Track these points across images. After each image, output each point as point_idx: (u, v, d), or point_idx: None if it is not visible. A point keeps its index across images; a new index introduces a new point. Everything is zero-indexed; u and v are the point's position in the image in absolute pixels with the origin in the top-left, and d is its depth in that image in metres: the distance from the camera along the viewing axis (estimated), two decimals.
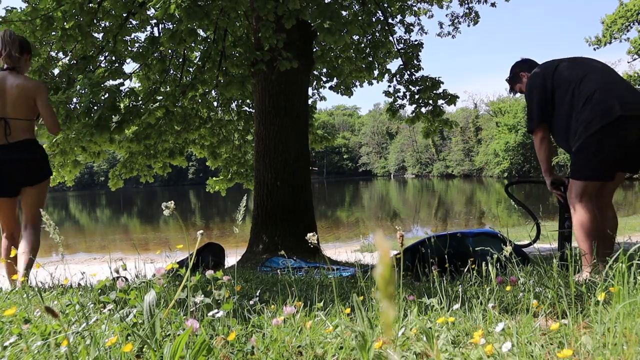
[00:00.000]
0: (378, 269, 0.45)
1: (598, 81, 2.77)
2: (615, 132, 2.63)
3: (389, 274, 0.45)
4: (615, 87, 2.75)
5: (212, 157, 11.44)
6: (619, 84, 2.80)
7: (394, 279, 0.45)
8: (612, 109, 2.62)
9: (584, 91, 2.75)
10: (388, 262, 0.45)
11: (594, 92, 2.72)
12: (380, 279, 0.45)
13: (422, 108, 10.39)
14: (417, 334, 1.52)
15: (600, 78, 2.80)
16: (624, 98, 2.67)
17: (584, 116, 2.72)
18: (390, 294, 0.45)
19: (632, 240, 2.41)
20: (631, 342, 1.29)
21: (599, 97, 2.69)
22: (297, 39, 7.45)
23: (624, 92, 2.73)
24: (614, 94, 2.69)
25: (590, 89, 2.74)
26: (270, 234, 7.72)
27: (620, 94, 2.70)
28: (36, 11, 6.31)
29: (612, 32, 24.56)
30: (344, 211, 28.86)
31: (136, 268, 2.69)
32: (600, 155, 2.69)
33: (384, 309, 0.46)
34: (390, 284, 0.45)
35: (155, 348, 1.33)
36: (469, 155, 68.42)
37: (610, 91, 2.71)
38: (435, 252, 3.39)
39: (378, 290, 0.45)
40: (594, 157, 2.71)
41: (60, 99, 6.30)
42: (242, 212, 1.90)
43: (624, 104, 2.63)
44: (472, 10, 11.54)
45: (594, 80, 2.78)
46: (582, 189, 2.75)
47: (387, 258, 0.45)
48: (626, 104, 2.63)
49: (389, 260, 0.46)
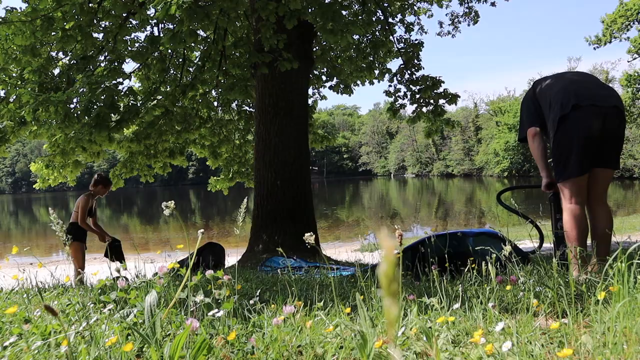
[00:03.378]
0: (382, 267, 0.45)
1: (565, 85, 2.96)
2: (574, 121, 2.78)
3: (393, 272, 0.46)
4: (577, 86, 2.93)
5: (213, 156, 11.43)
6: (581, 81, 3.00)
7: (397, 277, 0.46)
8: (568, 100, 2.81)
9: (554, 97, 2.93)
10: (392, 260, 0.46)
11: (558, 94, 2.91)
12: (384, 277, 0.45)
13: (423, 108, 10.39)
14: (417, 334, 1.52)
15: (567, 83, 2.99)
16: (579, 90, 2.86)
17: (551, 117, 2.91)
18: (394, 292, 0.46)
19: (631, 240, 2.42)
20: (631, 342, 1.29)
21: (561, 95, 2.88)
22: (296, 38, 7.45)
23: (582, 86, 2.92)
24: (575, 91, 2.87)
25: (557, 94, 2.93)
26: (271, 233, 7.72)
27: (577, 88, 2.88)
28: (36, 12, 6.32)
29: (612, 31, 24.52)
30: (344, 211, 28.86)
31: (136, 268, 2.69)
32: (568, 151, 2.81)
33: (386, 307, 0.46)
34: (393, 281, 0.46)
35: (156, 348, 1.33)
36: (469, 154, 68.39)
37: (573, 89, 2.89)
38: (436, 252, 3.39)
39: (381, 288, 0.46)
40: (564, 154, 2.84)
41: (60, 98, 6.30)
42: (243, 214, 1.91)
43: (579, 95, 2.82)
44: (472, 9, 11.53)
45: (562, 86, 2.97)
46: (569, 189, 2.84)
47: (391, 256, 0.46)
48: (581, 94, 2.82)
49: (393, 258, 0.46)
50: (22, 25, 6.33)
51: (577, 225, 2.77)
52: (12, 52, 6.90)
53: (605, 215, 2.92)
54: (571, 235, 2.78)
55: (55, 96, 6.28)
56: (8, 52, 6.84)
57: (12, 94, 7.48)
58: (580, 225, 2.77)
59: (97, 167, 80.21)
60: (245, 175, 11.67)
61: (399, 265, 2.14)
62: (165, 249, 10.48)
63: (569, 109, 2.78)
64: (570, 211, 2.82)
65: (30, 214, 39.58)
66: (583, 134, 2.77)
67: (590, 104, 2.78)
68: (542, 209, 3.48)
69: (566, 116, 2.79)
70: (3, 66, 7.05)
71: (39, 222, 30.25)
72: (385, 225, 16.82)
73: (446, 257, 2.79)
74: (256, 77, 7.81)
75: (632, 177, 36.80)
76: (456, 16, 11.78)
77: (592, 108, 2.77)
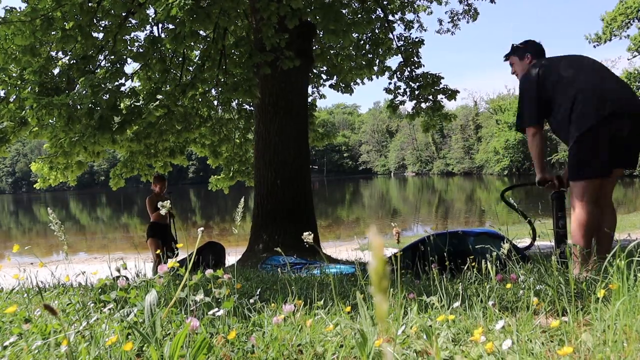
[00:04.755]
0: (372, 264, 0.47)
1: (589, 80, 2.83)
2: (608, 128, 2.68)
3: (383, 269, 0.47)
4: (606, 85, 2.81)
5: (213, 155, 11.42)
6: (610, 82, 2.86)
7: (387, 274, 0.47)
8: (603, 106, 2.68)
9: (577, 90, 2.79)
10: (382, 258, 0.47)
11: (585, 90, 2.77)
12: (375, 274, 0.47)
13: (422, 104, 10.41)
14: (417, 332, 1.52)
15: (591, 77, 2.86)
16: (615, 95, 2.74)
17: (576, 115, 2.77)
18: (384, 288, 0.47)
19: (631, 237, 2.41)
20: (631, 339, 1.29)
21: (591, 95, 2.75)
22: (296, 37, 7.44)
23: (615, 89, 2.80)
24: (606, 92, 2.75)
25: (581, 88, 2.79)
26: (271, 232, 7.72)
27: (611, 92, 2.76)
28: (36, 12, 6.31)
29: (612, 29, 24.51)
30: (344, 210, 28.86)
31: (136, 267, 2.69)
32: (595, 152, 2.73)
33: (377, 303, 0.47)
34: (383, 278, 0.47)
35: (156, 347, 1.33)
36: (469, 153, 68.36)
37: (602, 89, 2.77)
38: (436, 250, 3.38)
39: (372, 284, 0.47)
40: (589, 155, 2.74)
41: (64, 101, 6.30)
42: (240, 214, 1.91)
43: (615, 101, 2.70)
44: (471, 6, 11.52)
45: (585, 80, 2.83)
46: (583, 189, 2.76)
47: (380, 253, 0.47)
48: (617, 101, 2.71)
49: (383, 255, 0.47)
50: (22, 25, 6.32)
51: (588, 224, 2.71)
52: (12, 52, 6.89)
53: (611, 214, 2.89)
54: (579, 233, 2.73)
55: (59, 99, 6.27)
56: (8, 52, 6.83)
57: (12, 94, 7.47)
58: (590, 224, 2.71)
59: (97, 166, 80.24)
60: (246, 174, 11.66)
61: (393, 263, 2.14)
62: None
63: (605, 114, 2.67)
64: (583, 210, 2.74)
65: (30, 214, 39.60)
66: (612, 139, 2.69)
67: (626, 111, 2.70)
68: (541, 208, 3.48)
69: (602, 120, 2.67)
70: (3, 66, 7.05)
71: (39, 221, 30.27)
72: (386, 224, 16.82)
73: (446, 256, 2.79)
74: (256, 76, 7.80)
75: (632, 175, 36.78)
76: (455, 14, 11.77)
77: (626, 113, 2.69)
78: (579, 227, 2.73)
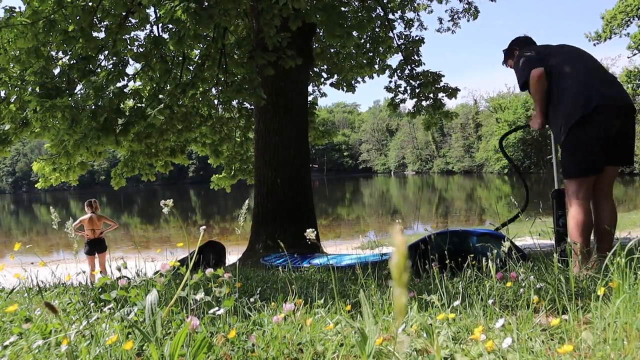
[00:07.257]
0: (393, 259, 0.50)
1: (578, 73, 2.83)
2: (596, 122, 2.68)
3: (404, 264, 0.50)
4: (594, 79, 2.81)
5: (214, 155, 11.42)
6: (599, 75, 2.86)
7: (408, 269, 0.50)
8: (590, 99, 2.68)
9: (565, 83, 2.81)
10: (403, 253, 0.50)
11: (573, 84, 2.78)
12: (395, 268, 0.50)
13: (422, 102, 10.41)
14: (417, 331, 1.53)
15: (580, 70, 2.85)
16: (602, 88, 2.74)
17: (564, 107, 2.78)
18: (404, 283, 0.50)
19: (631, 235, 2.41)
20: (631, 337, 1.29)
21: (579, 89, 2.75)
22: (297, 37, 7.43)
23: (603, 82, 2.80)
24: (594, 85, 2.75)
25: (570, 82, 2.79)
26: (271, 231, 7.72)
27: (599, 85, 2.76)
28: (36, 14, 6.30)
29: (612, 27, 24.46)
30: (344, 208, 28.86)
31: (137, 266, 2.69)
32: (584, 147, 2.74)
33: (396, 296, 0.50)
34: (404, 272, 0.50)
35: (156, 346, 1.33)
36: (469, 151, 68.31)
37: (590, 83, 2.77)
38: (436, 249, 3.38)
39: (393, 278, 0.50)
40: (579, 150, 2.75)
41: (67, 103, 6.29)
42: (244, 215, 1.91)
43: (602, 94, 2.70)
44: (472, 5, 11.51)
45: (574, 73, 2.83)
46: (577, 187, 2.78)
47: (402, 249, 0.50)
48: (604, 94, 2.71)
49: (404, 251, 0.50)
50: (24, 27, 6.30)
51: (584, 222, 2.72)
52: (12, 52, 6.87)
53: (611, 211, 2.89)
54: (576, 231, 2.73)
55: (62, 101, 6.26)
56: (9, 52, 6.82)
57: (13, 95, 7.46)
58: (586, 222, 2.72)
59: (98, 166, 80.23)
60: (247, 173, 11.67)
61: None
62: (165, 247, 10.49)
63: (591, 109, 2.66)
64: (578, 207, 2.75)
65: (30, 214, 39.62)
66: (603, 134, 2.69)
67: (614, 104, 2.69)
68: (541, 206, 3.47)
69: (588, 115, 2.67)
70: (3, 66, 7.04)
71: (39, 221, 30.28)
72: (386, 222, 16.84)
73: (446, 254, 2.79)
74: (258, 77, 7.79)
75: (633, 173, 36.74)
76: (456, 12, 11.76)
77: (614, 108, 2.69)
78: (576, 226, 2.75)
